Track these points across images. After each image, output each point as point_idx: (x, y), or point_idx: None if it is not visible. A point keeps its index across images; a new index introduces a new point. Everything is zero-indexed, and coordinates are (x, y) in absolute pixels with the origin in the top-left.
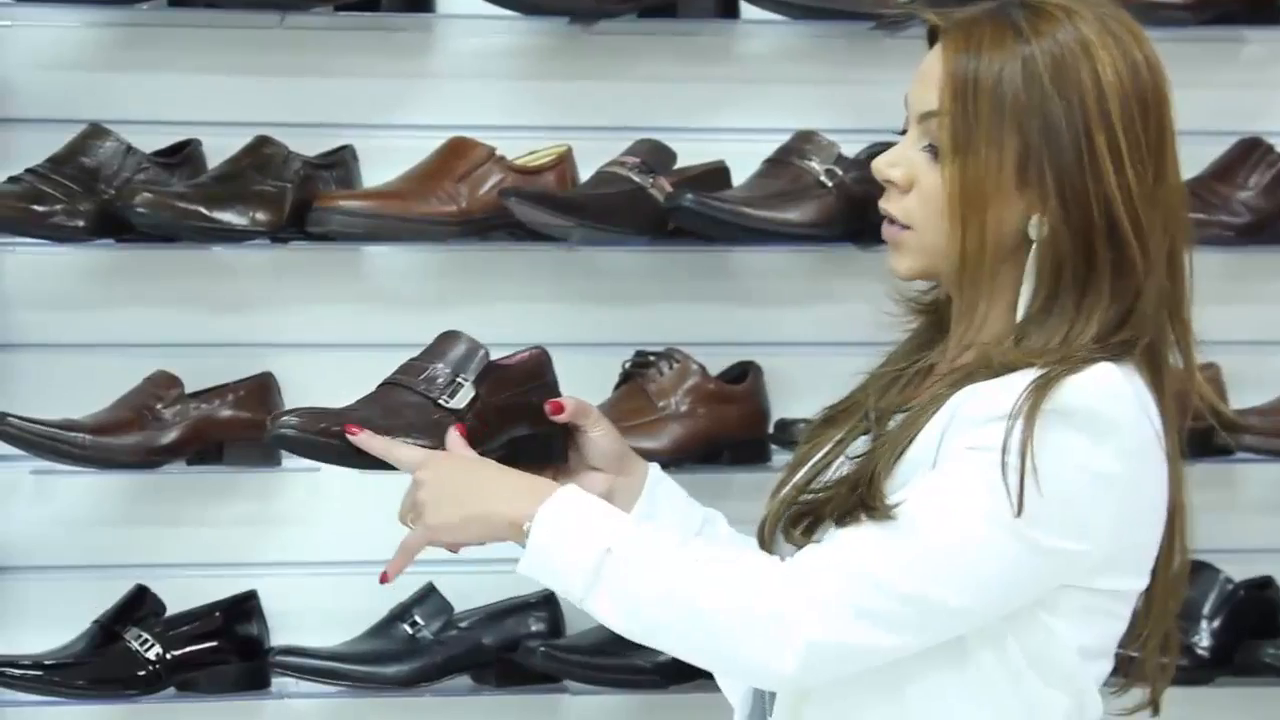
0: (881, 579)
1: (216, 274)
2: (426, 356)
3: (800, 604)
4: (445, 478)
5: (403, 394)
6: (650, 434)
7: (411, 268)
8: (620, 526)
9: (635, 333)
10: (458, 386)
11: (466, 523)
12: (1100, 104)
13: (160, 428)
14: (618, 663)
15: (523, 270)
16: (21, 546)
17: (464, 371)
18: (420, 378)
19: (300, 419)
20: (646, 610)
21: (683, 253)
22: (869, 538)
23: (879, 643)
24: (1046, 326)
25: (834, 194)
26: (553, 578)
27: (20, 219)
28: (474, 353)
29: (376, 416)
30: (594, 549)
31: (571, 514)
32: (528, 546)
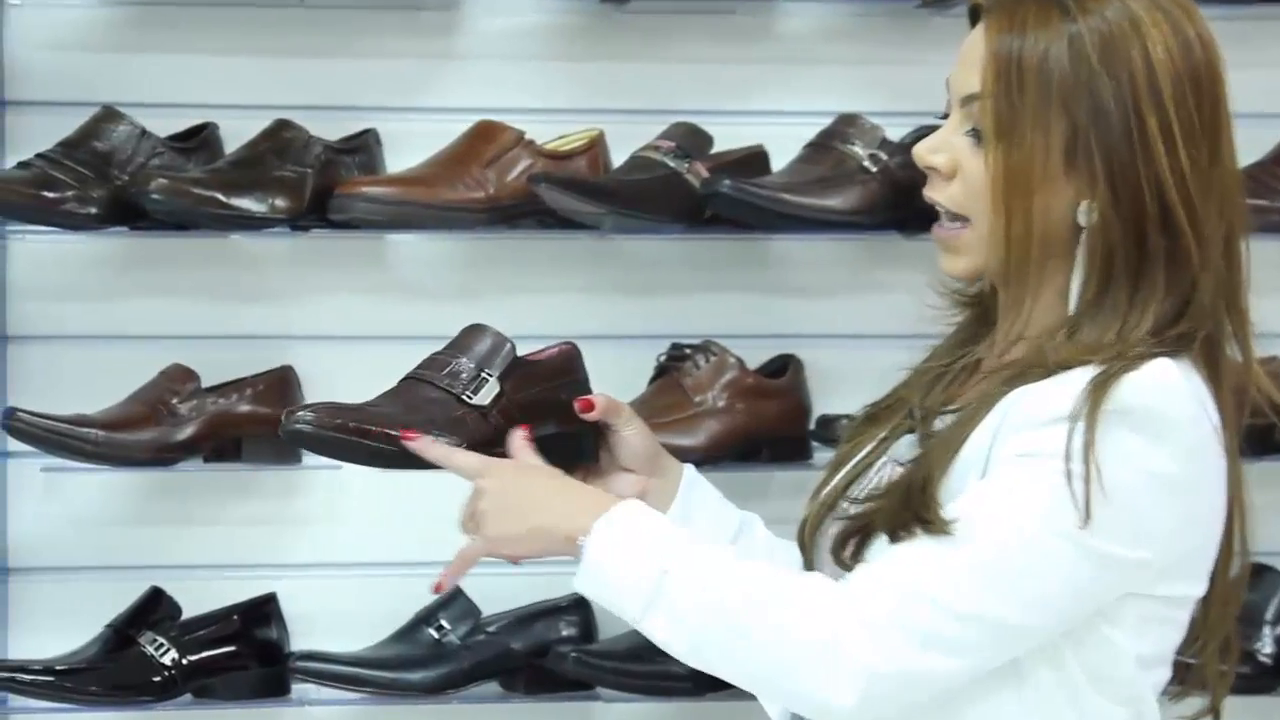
0: (941, 600)
1: (234, 263)
2: (450, 350)
3: (857, 632)
4: (507, 487)
5: (425, 389)
6: (686, 430)
7: (437, 257)
8: (678, 546)
9: (670, 325)
10: (482, 382)
11: (527, 536)
12: (1151, 83)
13: (176, 423)
14: (652, 669)
15: (553, 260)
16: (32, 547)
17: (489, 366)
18: (443, 372)
19: (317, 414)
20: (702, 636)
21: (720, 241)
22: (925, 555)
23: (941, 668)
24: (1099, 320)
25: (877, 179)
26: (608, 597)
27: (30, 206)
28: (500, 347)
29: (398, 412)
30: (651, 569)
31: (628, 531)
32: (582, 563)
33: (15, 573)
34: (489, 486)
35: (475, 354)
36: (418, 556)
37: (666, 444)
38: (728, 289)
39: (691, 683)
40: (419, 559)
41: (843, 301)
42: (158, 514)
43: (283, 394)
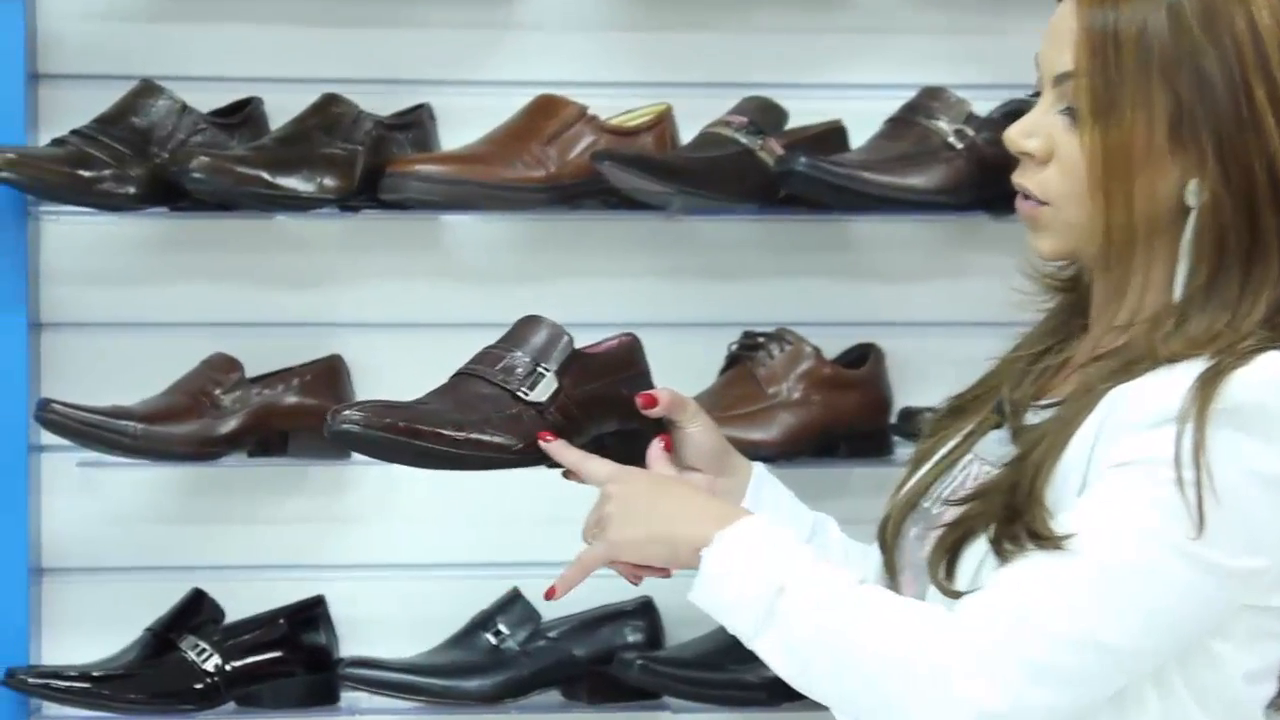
0: (1054, 629)
1: (280, 246)
2: (505, 343)
3: (968, 665)
4: (636, 494)
5: (478, 385)
6: (759, 424)
7: (494, 239)
8: (798, 564)
9: (742, 311)
10: (538, 377)
11: (650, 542)
12: (1258, 50)
13: (218, 416)
14: (723, 677)
15: (617, 242)
16: (66, 546)
17: (546, 360)
18: (498, 367)
19: (365, 414)
20: (812, 658)
21: (795, 223)
22: (1037, 578)
23: (1055, 702)
24: (1210, 308)
25: (964, 157)
26: (723, 612)
27: (65, 185)
28: (557, 339)
29: (449, 410)
30: (767, 586)
31: (749, 545)
32: (699, 575)
33: (49, 573)
34: (616, 492)
35: (531, 347)
36: (474, 557)
37: (737, 438)
38: (803, 273)
39: (766, 692)
40: (476, 559)
41: (926, 286)
42: (199, 511)
43: (331, 384)
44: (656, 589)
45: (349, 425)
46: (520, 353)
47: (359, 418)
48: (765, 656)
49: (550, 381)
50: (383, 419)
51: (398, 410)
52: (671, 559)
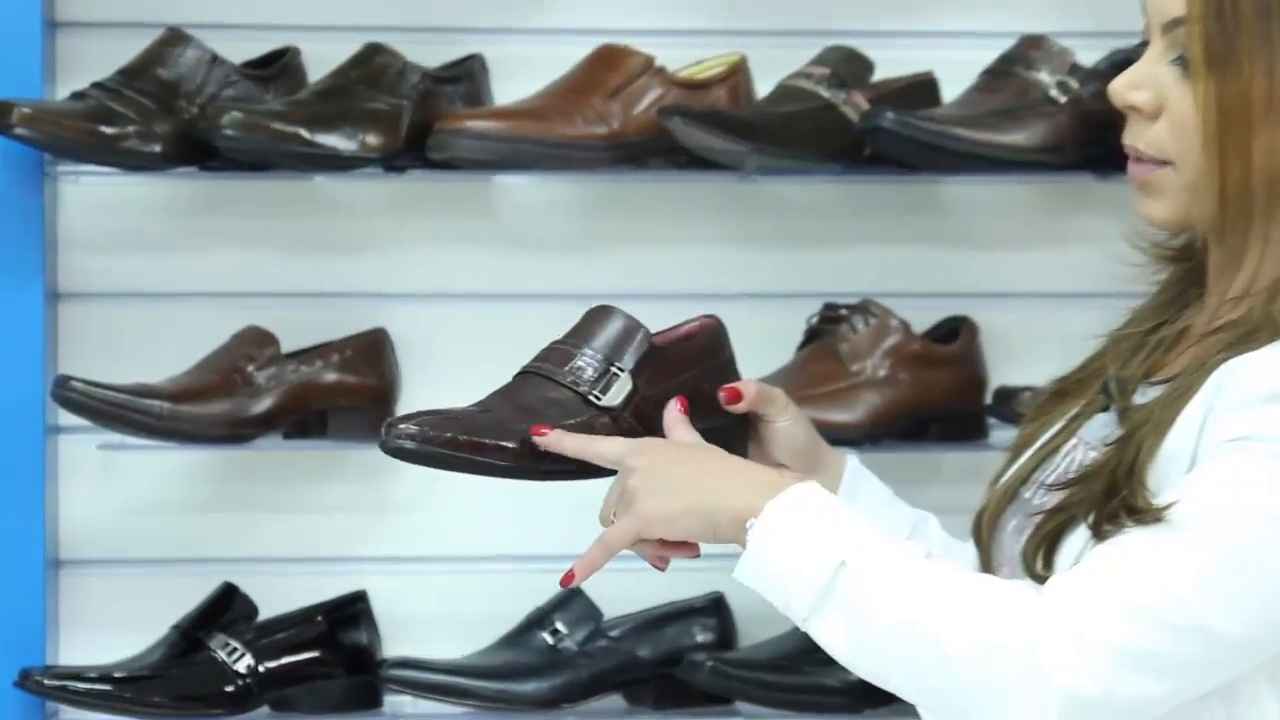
0: (1154, 611)
1: (319, 209)
2: (573, 339)
3: (1058, 649)
4: (664, 463)
5: (543, 387)
6: (840, 405)
7: (552, 202)
8: (860, 536)
9: (823, 281)
10: (612, 378)
11: (685, 515)
12: None
13: (252, 394)
14: (800, 681)
15: (685, 206)
16: (86, 536)
17: (619, 359)
18: (565, 367)
19: (422, 428)
20: (878, 641)
21: (881, 184)
22: (1136, 556)
23: (1150, 692)
24: None
25: (1066, 111)
26: (774, 590)
27: (85, 143)
28: (631, 334)
29: (510, 418)
30: (825, 561)
31: (803, 516)
32: (747, 549)
33: (67, 565)
34: (641, 464)
35: (602, 344)
36: (530, 548)
37: (816, 420)
38: (890, 240)
39: (846, 697)
40: (532, 551)
41: (1025, 254)
42: (231, 499)
43: (374, 360)
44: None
45: (405, 442)
46: (590, 350)
47: (416, 432)
48: (824, 640)
49: (625, 383)
50: (442, 433)
51: (458, 422)
52: (712, 533)
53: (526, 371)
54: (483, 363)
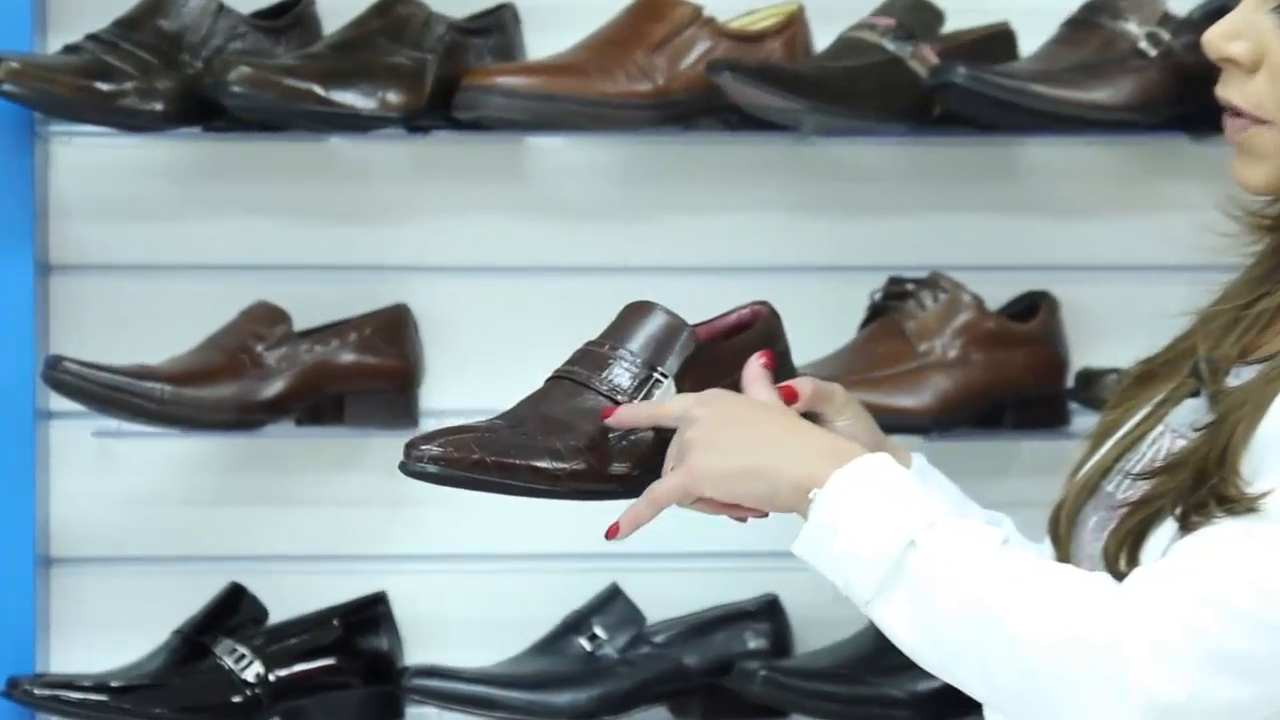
0: (1246, 608)
1: (335, 174)
2: (610, 340)
3: (1142, 647)
4: (728, 417)
5: (577, 396)
6: (907, 388)
7: (590, 166)
8: (932, 513)
9: (888, 253)
10: (655, 383)
11: (741, 475)
12: None
13: (261, 376)
14: (863, 692)
15: (737, 170)
16: (79, 531)
17: (661, 362)
18: (602, 374)
19: (445, 449)
20: (948, 628)
21: (952, 146)
22: (1226, 548)
23: (1241, 695)
24: None
25: (1157, 66)
26: (835, 568)
27: (79, 101)
28: (675, 334)
29: (539, 432)
30: (894, 539)
31: (873, 488)
32: (809, 521)
33: (59, 564)
34: (704, 414)
35: (642, 344)
36: (566, 546)
37: (881, 405)
38: (961, 207)
39: (913, 710)
40: (567, 549)
41: (1110, 224)
42: (238, 491)
43: (395, 339)
44: (785, 586)
45: (426, 465)
46: (629, 353)
47: (438, 453)
48: (886, 625)
49: (668, 390)
50: (468, 454)
51: (486, 442)
52: (770, 499)
53: (559, 376)
54: (513, 342)
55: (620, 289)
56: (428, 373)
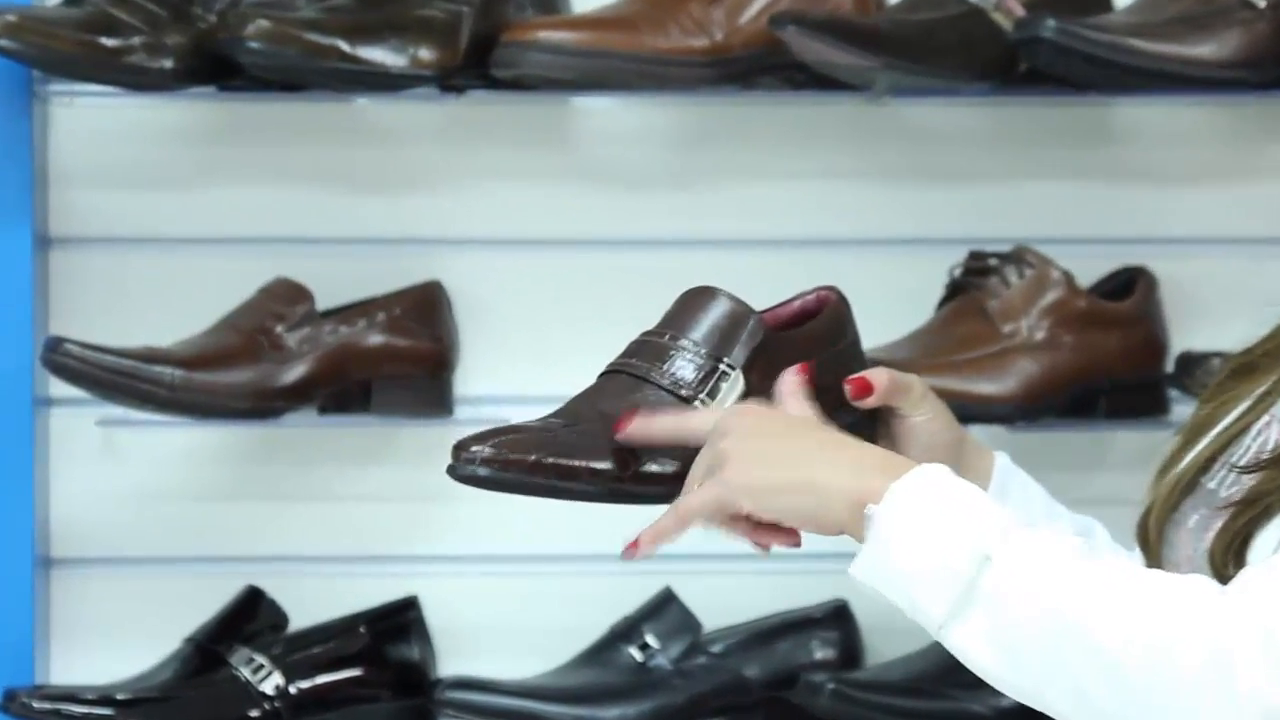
0: None
1: (361, 138)
2: (670, 329)
3: (1253, 653)
4: (766, 429)
5: (637, 390)
6: (989, 374)
7: (641, 130)
8: (1005, 524)
9: (969, 224)
10: (721, 376)
11: (783, 489)
12: None
13: (281, 360)
14: (941, 707)
15: (803, 134)
16: (82, 530)
17: (727, 352)
18: (663, 366)
19: (497, 449)
20: (1032, 650)
21: (1040, 107)
22: None
23: None
24: None
25: (1267, 18)
26: (901, 590)
27: (81, 58)
28: (740, 320)
29: (595, 433)
30: (967, 556)
31: (937, 500)
32: (868, 539)
33: (60, 565)
34: (736, 425)
35: (705, 334)
36: (614, 547)
37: (961, 392)
38: (1050, 174)
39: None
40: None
41: (1214, 192)
42: (255, 486)
43: (427, 319)
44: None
45: (478, 468)
46: (692, 344)
47: (490, 455)
48: (963, 650)
49: (736, 382)
50: (524, 455)
51: (543, 442)
52: (818, 515)
53: (614, 370)
54: (556, 322)
55: (673, 264)
56: (463, 356)
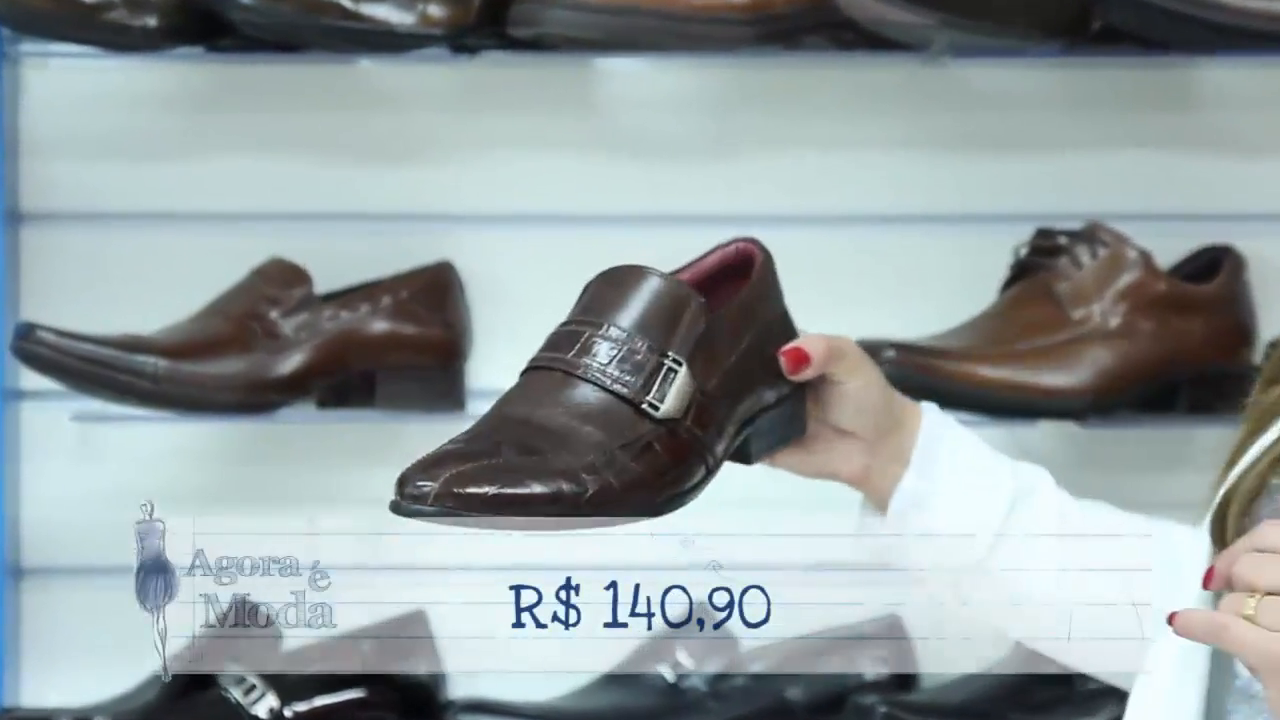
0: None
1: (365, 104)
2: (594, 318)
3: None
4: None
5: (569, 391)
6: (1059, 363)
7: (673, 95)
8: None
9: (1036, 199)
10: (668, 374)
11: None
12: None
13: (276, 349)
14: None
15: (853, 99)
16: (56, 537)
17: (670, 343)
18: (599, 360)
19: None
20: None
21: (1114, 69)
22: None
23: None
24: None
25: None
26: None
27: (56, 15)
28: (681, 304)
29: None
30: None
31: None
32: None
33: (31, 576)
34: None
35: (642, 324)
36: (642, 556)
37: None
38: (1126, 143)
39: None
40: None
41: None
42: (247, 488)
43: (437, 303)
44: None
45: (420, 506)
46: (626, 335)
47: (427, 490)
48: None
49: (684, 380)
50: (464, 487)
51: (493, 472)
52: None
53: (537, 368)
54: None
55: (708, 243)
56: (476, 345)
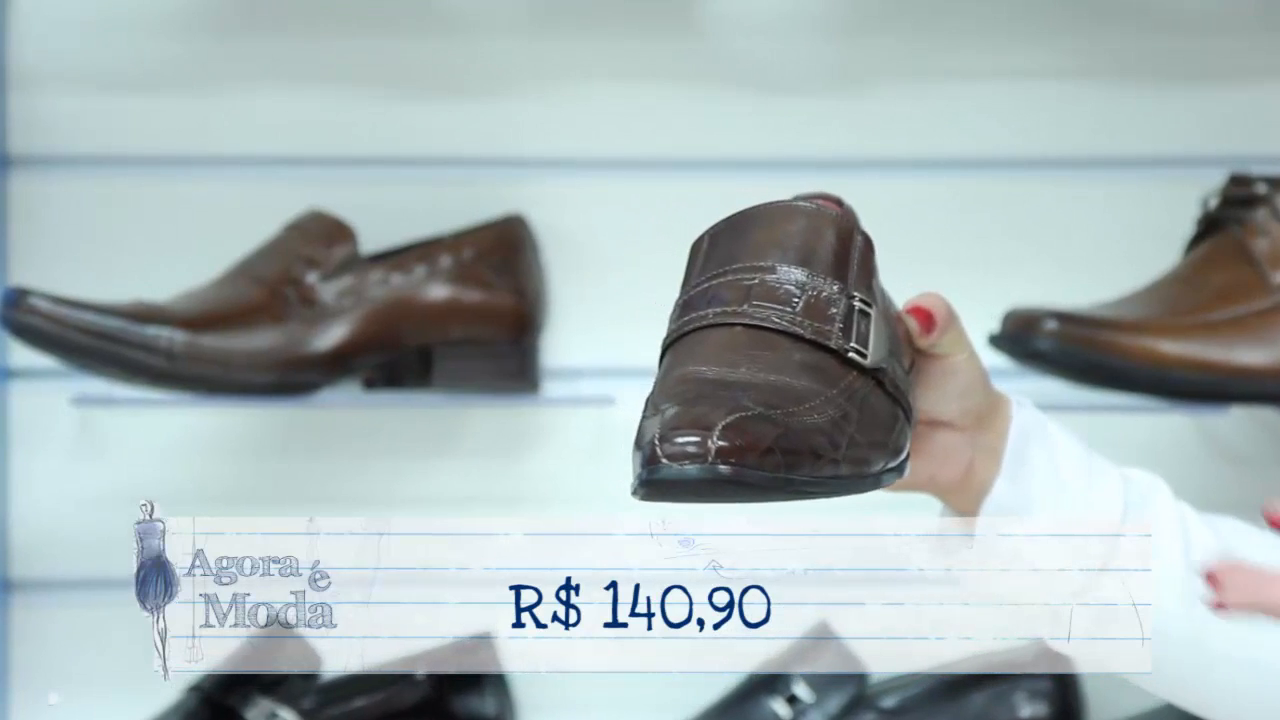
0: None
1: (420, 27)
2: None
3: None
4: None
5: (759, 347)
6: (1255, 337)
7: (788, 15)
8: None
9: (1228, 138)
10: (860, 318)
11: None
12: None
13: (314, 319)
14: None
15: (1002, 20)
16: (51, 543)
17: (853, 283)
18: (793, 304)
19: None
20: None
21: None
22: None
23: None
24: None
25: None
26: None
27: None
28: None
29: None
30: None
31: None
32: None
33: (21, 589)
34: None
35: (817, 263)
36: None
37: (1219, 362)
38: None
39: None
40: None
41: None
42: (279, 486)
43: (505, 265)
44: None
45: (691, 467)
46: (807, 277)
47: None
48: None
49: (880, 322)
50: (759, 440)
51: (751, 420)
52: None
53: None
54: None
55: (831, 190)
56: (552, 314)
